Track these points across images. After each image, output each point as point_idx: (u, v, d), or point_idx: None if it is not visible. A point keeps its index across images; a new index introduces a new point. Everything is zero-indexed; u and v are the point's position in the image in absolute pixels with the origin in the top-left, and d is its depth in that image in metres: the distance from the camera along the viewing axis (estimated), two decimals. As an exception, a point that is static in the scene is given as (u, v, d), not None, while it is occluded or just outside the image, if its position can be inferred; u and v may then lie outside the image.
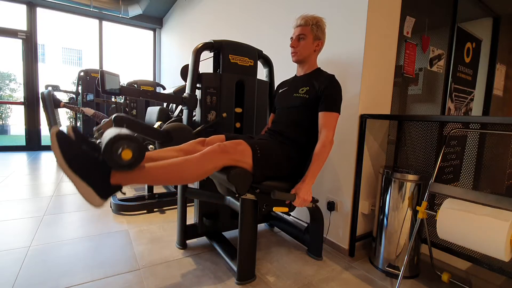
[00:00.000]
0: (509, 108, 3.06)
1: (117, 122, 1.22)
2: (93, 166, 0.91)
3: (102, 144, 0.89)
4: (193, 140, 1.31)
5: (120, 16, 5.05)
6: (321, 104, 1.31)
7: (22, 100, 4.85)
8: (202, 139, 1.33)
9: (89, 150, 0.93)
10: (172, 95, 1.62)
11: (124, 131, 0.93)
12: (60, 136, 0.86)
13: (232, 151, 1.14)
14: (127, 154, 0.86)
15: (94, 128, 1.20)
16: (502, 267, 1.25)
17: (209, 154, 1.10)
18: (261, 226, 2.01)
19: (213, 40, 1.60)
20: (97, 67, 5.20)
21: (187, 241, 1.67)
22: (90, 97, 4.46)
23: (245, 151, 1.18)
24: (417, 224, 1.30)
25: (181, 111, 1.72)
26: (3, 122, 11.85)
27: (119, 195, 2.50)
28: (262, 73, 1.92)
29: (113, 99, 4.01)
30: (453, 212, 1.11)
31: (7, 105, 11.94)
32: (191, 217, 1.98)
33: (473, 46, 2.59)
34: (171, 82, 5.16)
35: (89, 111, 4.12)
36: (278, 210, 1.30)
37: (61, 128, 0.88)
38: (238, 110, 1.67)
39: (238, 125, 1.68)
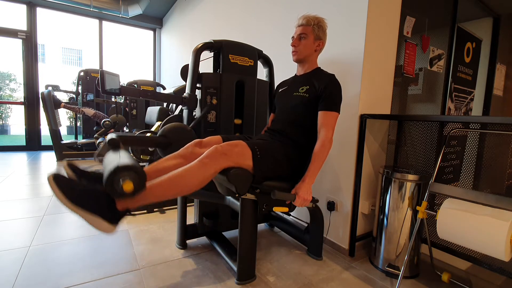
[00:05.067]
0: (509, 108, 3.06)
1: (112, 145, 1.20)
2: (98, 199, 0.91)
3: (103, 175, 0.89)
4: (190, 143, 1.31)
5: (120, 16, 5.05)
6: (321, 103, 1.31)
7: (22, 100, 4.85)
8: (199, 140, 1.32)
9: (90, 184, 0.95)
10: (172, 95, 1.62)
11: (123, 158, 0.93)
12: (57, 180, 0.87)
13: (230, 153, 1.14)
14: (128, 186, 0.87)
15: (95, 155, 1.18)
16: (502, 267, 1.25)
17: (207, 160, 1.10)
18: (261, 226, 2.01)
19: (213, 40, 1.60)
20: (97, 67, 5.20)
21: (187, 241, 1.67)
22: (90, 97, 4.46)
23: (245, 153, 1.18)
24: (417, 224, 1.30)
25: (181, 110, 1.71)
26: (3, 122, 11.84)
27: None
28: (262, 73, 1.92)
29: (113, 99, 4.01)
30: (453, 212, 1.11)
31: (7, 105, 11.93)
32: (191, 217, 1.98)
33: (473, 46, 2.59)
34: (171, 82, 5.16)
35: (90, 111, 4.11)
36: (278, 210, 1.30)
37: (56, 171, 0.89)
38: (238, 121, 1.67)
39: (238, 121, 1.69)
